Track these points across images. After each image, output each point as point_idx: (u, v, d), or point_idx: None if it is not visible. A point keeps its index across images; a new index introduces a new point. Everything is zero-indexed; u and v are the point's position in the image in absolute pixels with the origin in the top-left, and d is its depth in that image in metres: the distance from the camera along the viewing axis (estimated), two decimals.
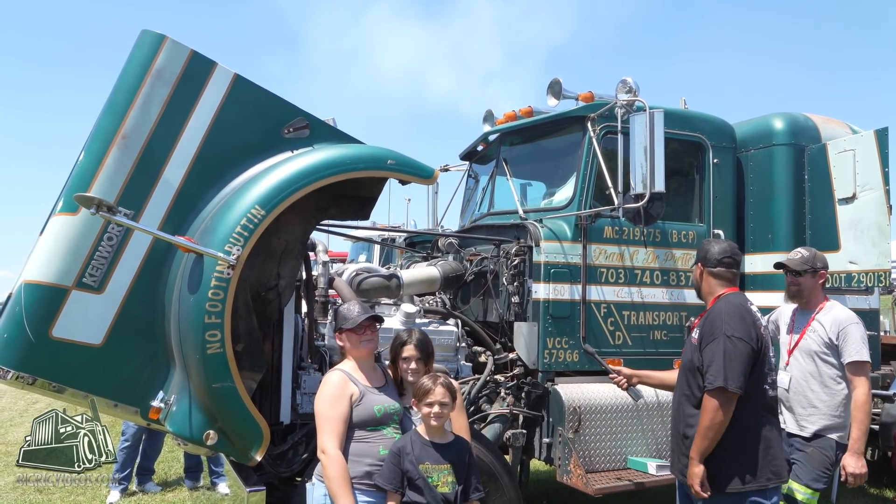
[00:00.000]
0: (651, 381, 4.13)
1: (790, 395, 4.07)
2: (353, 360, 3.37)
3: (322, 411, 3.18)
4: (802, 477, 3.93)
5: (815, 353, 3.98)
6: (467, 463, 3.28)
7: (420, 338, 3.48)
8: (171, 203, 3.61)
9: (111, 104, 3.63)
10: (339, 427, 3.13)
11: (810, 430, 3.97)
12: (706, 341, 3.25)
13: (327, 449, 3.09)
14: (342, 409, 3.16)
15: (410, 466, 3.18)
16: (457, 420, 3.44)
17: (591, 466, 4.64)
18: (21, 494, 6.16)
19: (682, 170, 5.52)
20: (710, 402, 3.13)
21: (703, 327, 3.32)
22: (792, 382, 4.07)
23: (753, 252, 5.61)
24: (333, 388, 3.21)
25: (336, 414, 3.14)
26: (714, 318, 3.27)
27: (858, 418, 3.82)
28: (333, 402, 3.16)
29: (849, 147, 5.30)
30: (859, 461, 3.81)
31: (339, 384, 3.22)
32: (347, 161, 3.85)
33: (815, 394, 3.97)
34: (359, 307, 3.41)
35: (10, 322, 3.38)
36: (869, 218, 5.11)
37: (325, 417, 3.15)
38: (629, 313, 5.10)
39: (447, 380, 3.26)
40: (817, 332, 4.00)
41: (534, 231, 4.91)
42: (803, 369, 4.04)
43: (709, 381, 3.15)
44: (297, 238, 3.99)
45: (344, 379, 3.25)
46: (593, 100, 5.21)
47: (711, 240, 3.96)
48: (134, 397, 3.57)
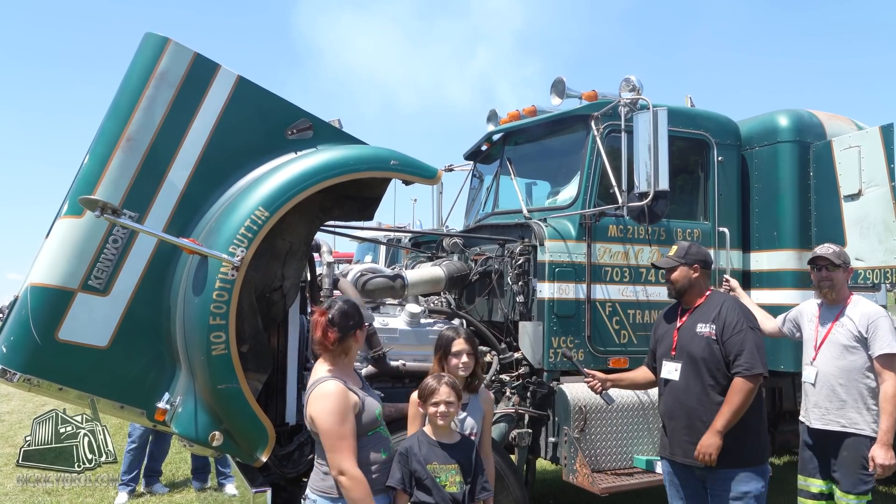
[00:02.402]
0: (622, 383, 4.21)
1: (817, 389, 4.09)
2: (336, 364, 3.10)
3: (332, 429, 2.92)
4: (844, 484, 3.97)
5: (845, 346, 4.01)
6: (474, 462, 3.29)
7: (468, 331, 3.54)
8: (175, 205, 3.62)
9: (115, 107, 3.65)
10: (353, 443, 2.93)
11: (839, 424, 3.99)
12: (729, 333, 3.56)
13: (348, 470, 2.88)
14: (352, 422, 2.96)
15: (418, 466, 3.18)
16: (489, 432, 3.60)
17: (597, 465, 4.63)
18: (30, 496, 6.19)
19: (686, 168, 5.50)
20: (746, 385, 3.47)
21: (720, 322, 3.60)
22: (819, 377, 4.09)
23: (759, 250, 5.59)
24: (339, 401, 2.95)
25: (348, 430, 2.93)
26: (730, 313, 3.61)
27: (888, 410, 3.84)
28: (343, 417, 2.93)
29: (854, 143, 5.27)
30: (888, 452, 3.84)
31: (344, 396, 2.97)
32: (351, 162, 3.86)
33: (844, 388, 3.99)
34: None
35: (17, 325, 3.40)
36: (875, 214, 5.09)
37: (338, 436, 2.91)
38: (634, 312, 5.09)
39: (452, 379, 3.28)
40: (846, 326, 4.04)
41: (538, 230, 4.91)
42: (832, 363, 4.06)
43: (745, 367, 3.48)
44: (301, 239, 4.00)
45: (345, 389, 3.00)
46: (597, 98, 5.21)
47: (688, 243, 3.98)
48: (140, 399, 3.58)
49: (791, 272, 5.43)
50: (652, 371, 4.06)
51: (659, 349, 3.92)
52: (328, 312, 3.08)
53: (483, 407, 3.54)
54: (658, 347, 3.94)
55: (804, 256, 5.42)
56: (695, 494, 3.72)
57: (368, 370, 4.54)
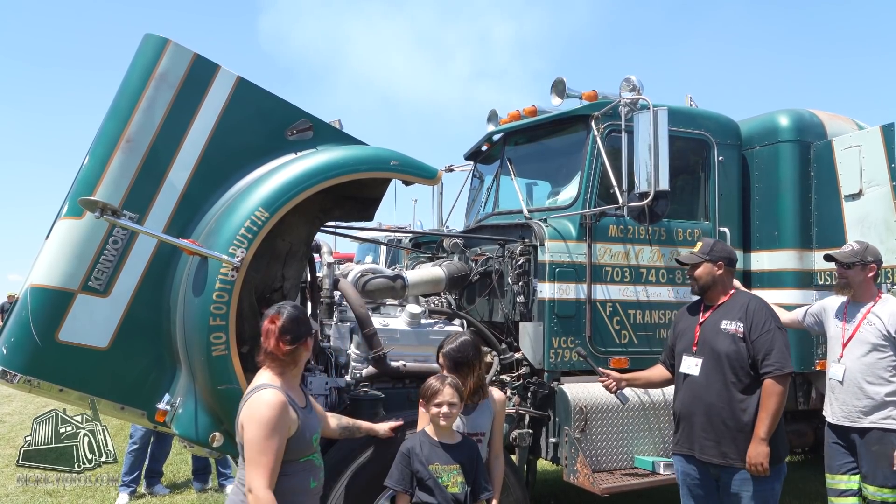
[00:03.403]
0: (638, 382, 4.18)
1: (844, 386, 4.12)
2: (283, 375, 2.85)
3: (255, 441, 2.63)
4: (878, 478, 3.99)
5: (873, 344, 4.05)
6: (476, 463, 3.28)
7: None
8: (175, 206, 3.62)
9: (115, 108, 3.65)
10: (272, 462, 2.63)
11: (866, 421, 4.03)
12: (757, 332, 3.52)
13: (257, 489, 2.58)
14: (280, 441, 2.66)
15: (420, 467, 3.18)
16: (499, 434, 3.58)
17: (598, 466, 4.63)
18: (31, 497, 6.20)
19: (686, 168, 5.50)
20: (778, 387, 3.45)
21: (747, 320, 3.56)
22: (846, 374, 4.12)
23: (760, 249, 5.58)
24: (274, 414, 2.66)
25: (271, 447, 2.63)
26: (758, 312, 3.58)
27: None
28: (273, 431, 2.64)
29: (855, 143, 5.27)
30: None
31: (281, 410, 2.68)
32: (351, 162, 3.86)
33: (871, 385, 4.03)
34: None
35: (17, 326, 3.41)
36: (876, 214, 5.09)
37: (258, 449, 2.62)
38: (635, 312, 5.08)
39: (455, 380, 3.28)
40: (874, 325, 4.08)
41: (538, 230, 4.90)
42: (859, 361, 4.09)
43: (777, 367, 3.45)
44: (301, 240, 4.00)
45: (285, 404, 2.71)
46: (597, 98, 5.20)
47: (714, 241, 3.97)
48: (140, 400, 3.59)
49: (792, 272, 5.43)
50: (668, 369, 4.00)
51: (679, 344, 3.86)
52: (278, 319, 2.84)
53: (493, 408, 3.54)
54: (678, 343, 3.88)
55: (805, 256, 5.45)
56: (708, 494, 3.67)
57: (369, 371, 4.55)
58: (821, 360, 5.26)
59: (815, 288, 5.39)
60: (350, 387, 4.52)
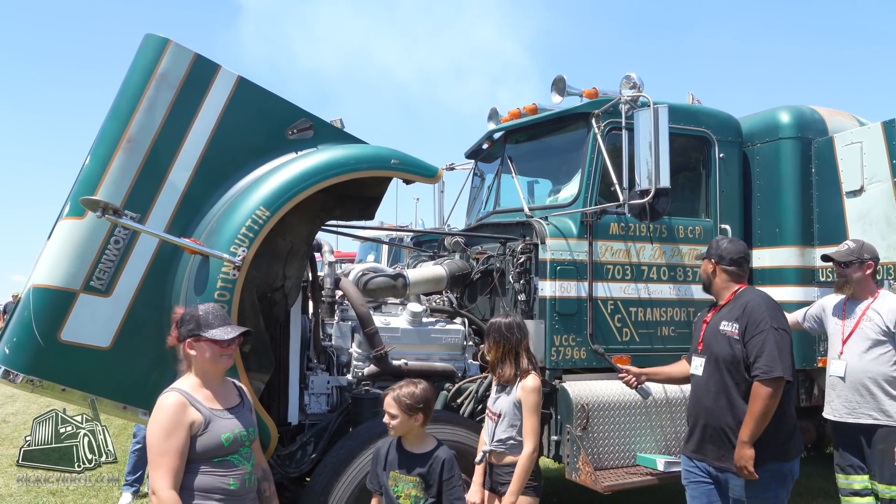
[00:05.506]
0: (659, 377, 4.16)
1: (846, 383, 4.13)
2: (197, 376, 2.81)
3: (154, 443, 2.63)
4: (885, 476, 3.99)
5: (874, 340, 4.08)
6: (439, 479, 3.08)
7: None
8: (176, 205, 3.62)
9: (116, 108, 3.66)
10: (174, 462, 2.60)
11: (871, 417, 4.04)
12: (751, 333, 3.40)
13: (159, 490, 2.57)
14: (178, 440, 2.63)
15: (381, 472, 3.12)
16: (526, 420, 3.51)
17: (600, 464, 4.63)
18: (34, 497, 6.22)
19: (687, 165, 5.49)
20: (765, 390, 3.30)
21: (743, 320, 3.45)
22: (848, 370, 4.14)
23: (761, 246, 5.58)
24: (169, 415, 2.65)
25: (171, 447, 2.61)
26: (754, 312, 3.44)
27: None
28: (168, 432, 2.62)
29: (856, 139, 5.26)
30: None
31: (175, 411, 2.66)
32: (351, 161, 3.87)
33: (872, 381, 4.05)
34: (224, 313, 2.90)
35: (19, 326, 3.41)
36: (877, 210, 5.08)
37: (158, 451, 2.61)
38: (636, 310, 5.08)
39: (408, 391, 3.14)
40: (874, 321, 4.11)
41: (539, 229, 4.90)
42: (860, 357, 4.11)
43: (763, 371, 3.31)
44: (302, 239, 4.01)
45: (182, 403, 2.69)
46: (597, 96, 5.20)
47: (723, 238, 3.95)
48: (142, 399, 3.58)
49: (793, 269, 5.43)
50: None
51: (692, 343, 3.88)
52: (180, 311, 2.90)
53: (516, 393, 3.54)
54: (691, 340, 3.91)
55: (806, 253, 5.44)
56: (709, 493, 3.64)
57: (370, 369, 4.56)
58: (822, 357, 5.25)
59: (817, 285, 5.39)
60: (352, 386, 4.54)
